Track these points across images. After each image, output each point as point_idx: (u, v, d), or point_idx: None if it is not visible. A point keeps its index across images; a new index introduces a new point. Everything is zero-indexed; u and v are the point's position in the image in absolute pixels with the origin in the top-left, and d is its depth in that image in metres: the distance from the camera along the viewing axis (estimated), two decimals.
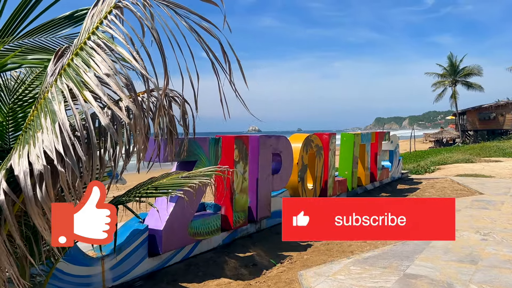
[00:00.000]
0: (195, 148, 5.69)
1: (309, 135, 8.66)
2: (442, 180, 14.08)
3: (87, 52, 2.41)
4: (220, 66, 2.73)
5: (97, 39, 2.41)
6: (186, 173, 3.68)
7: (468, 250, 6.06)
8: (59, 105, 2.40)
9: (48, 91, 2.55)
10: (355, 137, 10.52)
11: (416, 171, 17.81)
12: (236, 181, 6.45)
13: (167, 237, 5.28)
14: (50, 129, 2.39)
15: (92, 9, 2.65)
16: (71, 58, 2.42)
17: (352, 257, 5.92)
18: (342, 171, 10.56)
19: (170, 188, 3.29)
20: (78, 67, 2.42)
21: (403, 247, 6.31)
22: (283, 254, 6.36)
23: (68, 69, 2.41)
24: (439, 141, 56.51)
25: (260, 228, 7.36)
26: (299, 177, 8.18)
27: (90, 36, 2.42)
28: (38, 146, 2.37)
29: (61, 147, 2.37)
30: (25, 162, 2.37)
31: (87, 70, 2.41)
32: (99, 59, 2.42)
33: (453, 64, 52.02)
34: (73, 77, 2.40)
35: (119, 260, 4.87)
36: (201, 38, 2.63)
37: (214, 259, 6.05)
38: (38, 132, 2.46)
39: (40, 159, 2.30)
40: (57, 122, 2.38)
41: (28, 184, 2.32)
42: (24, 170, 2.31)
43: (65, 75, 2.40)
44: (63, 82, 2.40)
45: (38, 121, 2.51)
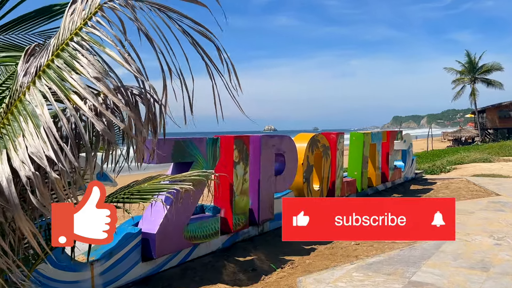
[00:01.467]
0: (191, 149, 5.50)
1: (315, 135, 8.40)
2: (457, 181, 13.63)
3: (70, 54, 2.27)
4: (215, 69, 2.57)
5: (81, 40, 2.27)
6: (170, 176, 3.48)
7: (479, 256, 5.74)
8: (42, 109, 2.26)
9: (25, 92, 2.40)
10: (365, 136, 10.20)
11: (431, 171, 17.34)
12: (236, 182, 6.24)
13: (161, 241, 5.10)
14: (35, 134, 2.27)
15: (70, 7, 2.49)
16: (51, 59, 2.27)
17: (355, 263, 5.65)
18: (351, 171, 10.26)
19: (149, 193, 3.10)
20: (61, 69, 2.27)
21: (410, 252, 6.01)
22: (284, 258, 6.12)
23: (48, 70, 2.26)
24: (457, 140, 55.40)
25: (262, 231, 7.14)
26: (304, 178, 7.93)
27: (73, 37, 2.28)
28: (21, 152, 2.25)
29: (52, 153, 2.22)
30: (6, 168, 2.25)
31: (71, 72, 2.26)
32: (85, 61, 2.27)
33: (472, 61, 50.85)
34: (55, 79, 2.26)
35: (110, 265, 4.71)
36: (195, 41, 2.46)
37: (213, 263, 5.85)
38: (18, 137, 2.33)
39: (27, 165, 2.19)
40: (41, 127, 2.26)
41: (13, 192, 2.20)
42: (7, 177, 2.18)
43: (45, 76, 2.26)
44: (43, 84, 2.26)
45: (16, 125, 2.37)
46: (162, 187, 3.14)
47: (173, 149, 5.23)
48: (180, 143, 5.34)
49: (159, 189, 3.12)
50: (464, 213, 8.50)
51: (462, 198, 10.63)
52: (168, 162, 5.27)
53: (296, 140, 8.15)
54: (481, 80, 50.98)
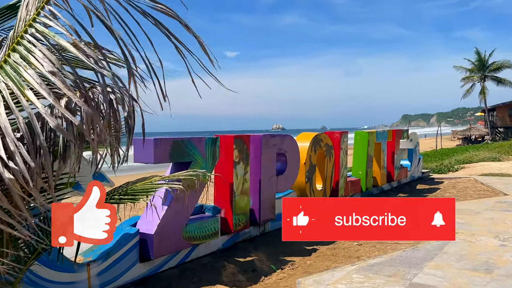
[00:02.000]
0: (189, 148, 5.45)
1: (318, 134, 8.32)
2: (465, 180, 13.43)
3: (25, 47, 2.18)
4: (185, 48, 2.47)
5: (36, 32, 2.18)
6: (162, 176, 3.44)
7: (484, 257, 5.62)
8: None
9: None
10: (369, 135, 10.09)
11: (439, 170, 17.14)
12: (236, 182, 6.18)
13: (159, 242, 5.06)
14: None
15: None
16: (7, 54, 2.20)
17: (356, 264, 5.57)
18: (356, 171, 10.15)
19: (140, 194, 3.05)
20: (17, 64, 2.20)
21: (413, 253, 5.92)
22: (285, 259, 6.06)
23: (5, 66, 2.19)
24: (467, 139, 54.82)
25: (264, 231, 7.08)
26: (307, 178, 7.85)
27: (27, 28, 2.19)
28: None
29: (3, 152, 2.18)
30: None
31: (27, 67, 2.20)
32: (40, 55, 2.20)
33: (482, 59, 50.26)
34: (12, 75, 2.19)
35: (107, 266, 4.69)
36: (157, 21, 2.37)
37: (212, 264, 5.81)
38: None
39: None
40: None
41: None
42: None
43: (2, 73, 2.19)
44: (1, 81, 2.19)
45: None
46: (153, 188, 3.09)
47: (171, 149, 5.19)
48: (179, 143, 5.29)
49: (150, 190, 3.07)
50: (470, 213, 8.36)
51: (469, 197, 10.47)
52: (166, 162, 5.22)
53: (298, 140, 8.07)
54: (491, 78, 50.36)
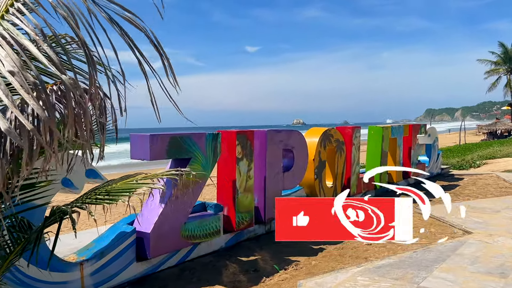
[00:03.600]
0: (188, 145, 5.28)
1: (328, 129, 8.04)
2: (486, 176, 12.91)
3: None
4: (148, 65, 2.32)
5: (2, 30, 2.05)
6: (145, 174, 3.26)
7: (500, 260, 5.28)
8: None
9: None
10: (384, 130, 9.74)
11: (460, 166, 16.60)
12: (239, 179, 5.99)
13: (155, 241, 4.92)
14: None
15: None
16: None
17: (363, 265, 5.31)
18: (370, 167, 9.81)
19: (118, 194, 2.88)
20: None
21: (424, 254, 5.62)
22: (290, 259, 5.84)
23: None
24: (492, 133, 53.27)
25: (270, 229, 6.87)
26: (316, 174, 7.60)
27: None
28: None
29: None
30: None
31: None
32: (3, 54, 2.06)
33: (508, 51, 48.63)
34: None
35: (102, 265, 4.57)
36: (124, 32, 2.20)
37: (214, 263, 5.64)
38: None
39: None
40: None
41: None
42: None
43: None
44: None
45: None
46: (133, 188, 2.92)
47: (169, 145, 5.03)
48: (177, 139, 5.13)
49: (130, 190, 2.90)
50: (488, 212, 7.97)
51: (489, 195, 10.01)
52: (163, 159, 5.07)
53: (307, 135, 7.83)
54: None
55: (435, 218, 7.76)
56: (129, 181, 3.05)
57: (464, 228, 6.83)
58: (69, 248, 5.33)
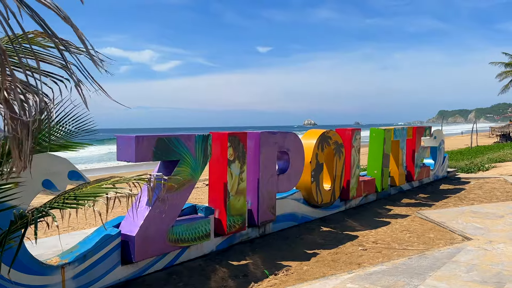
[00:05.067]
0: (177, 146, 5.19)
1: (326, 131, 7.89)
2: (493, 180, 12.63)
3: None
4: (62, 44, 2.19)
5: None
6: (120, 177, 3.17)
7: (497, 268, 5.09)
8: None
9: None
10: (386, 132, 9.54)
11: (468, 169, 16.26)
12: (230, 182, 5.88)
13: (140, 244, 4.83)
14: None
15: None
16: None
17: (354, 272, 5.16)
18: (371, 170, 9.64)
19: (85, 198, 2.79)
20: None
21: (419, 261, 5.44)
22: (282, 263, 5.72)
23: None
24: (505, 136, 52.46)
25: (264, 232, 6.75)
26: (313, 177, 7.46)
27: None
28: None
29: None
30: None
31: None
32: None
33: None
34: None
35: (85, 268, 4.49)
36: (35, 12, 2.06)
37: (203, 267, 5.54)
38: None
39: None
40: None
41: None
42: None
43: None
44: None
45: None
46: (101, 192, 2.83)
47: (155, 146, 4.94)
48: (164, 140, 5.04)
49: (98, 194, 2.81)
50: (491, 217, 7.74)
51: (495, 199, 9.77)
52: (149, 161, 4.98)
53: (305, 137, 7.69)
54: None
55: (435, 223, 7.57)
56: (98, 185, 2.96)
57: (464, 234, 6.63)
58: (54, 251, 5.29)
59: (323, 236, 7.03)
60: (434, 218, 7.79)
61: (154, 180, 2.99)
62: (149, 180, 2.93)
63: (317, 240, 6.77)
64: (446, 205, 9.33)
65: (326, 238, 6.92)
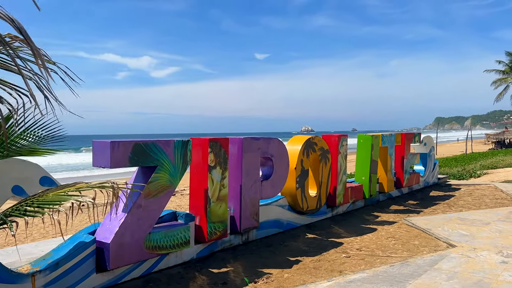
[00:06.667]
0: (154, 152, 5.12)
1: (312, 137, 7.84)
2: (484, 187, 12.60)
3: None
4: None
5: None
6: (86, 184, 3.10)
7: (478, 276, 5.02)
8: None
9: None
10: (373, 139, 9.51)
11: (460, 175, 16.27)
12: (211, 188, 5.81)
13: (116, 251, 4.74)
14: None
15: None
16: None
17: (334, 279, 5.08)
18: (359, 176, 9.59)
19: (46, 205, 2.72)
20: None
21: (400, 269, 5.37)
22: (263, 271, 5.64)
23: None
24: (500, 142, 52.66)
25: (247, 239, 6.67)
26: (298, 183, 7.39)
27: None
28: None
29: None
30: None
31: None
32: None
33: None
34: None
35: (57, 276, 4.39)
36: None
37: (182, 275, 5.45)
38: None
39: None
40: None
41: None
42: None
43: None
44: None
45: None
46: (61, 199, 2.75)
47: (132, 152, 4.87)
48: (141, 146, 4.97)
49: (56, 202, 2.73)
50: (478, 224, 7.69)
51: (484, 206, 9.73)
52: (126, 167, 4.90)
53: (290, 143, 7.64)
54: None
55: (421, 230, 7.52)
56: (61, 191, 2.89)
57: (449, 241, 6.57)
58: (28, 258, 5.19)
59: (308, 243, 6.96)
60: (421, 225, 7.74)
61: (117, 187, 2.91)
62: (113, 187, 2.86)
63: (301, 247, 6.70)
64: (434, 212, 9.28)
65: (310, 245, 6.85)
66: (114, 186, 2.83)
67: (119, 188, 2.90)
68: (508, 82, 49.82)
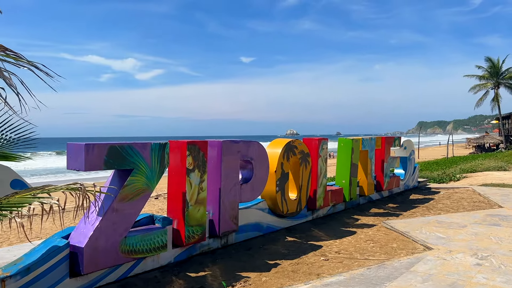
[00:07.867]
0: (130, 155, 5.06)
1: (292, 140, 7.86)
2: (462, 190, 12.81)
3: None
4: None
5: None
6: (53, 187, 3.04)
7: (453, 278, 5.09)
8: None
9: None
10: (354, 142, 9.58)
11: (440, 179, 16.50)
12: (189, 191, 5.77)
13: (90, 255, 4.67)
14: None
15: None
16: None
17: (311, 283, 5.09)
18: (339, 179, 9.65)
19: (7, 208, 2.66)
20: None
21: (377, 271, 5.41)
22: (241, 274, 5.61)
23: None
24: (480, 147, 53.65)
25: (226, 243, 6.64)
26: (278, 187, 7.40)
27: None
28: None
29: None
30: None
31: None
32: None
33: (495, 65, 49.10)
34: None
35: (29, 281, 4.29)
36: None
37: (159, 279, 5.39)
38: None
39: None
40: None
41: None
42: None
43: None
44: None
45: None
46: (25, 201, 2.70)
47: (107, 155, 4.80)
48: (116, 148, 4.91)
49: (19, 204, 2.67)
50: (454, 227, 7.80)
51: (461, 209, 9.88)
52: (100, 170, 4.84)
53: (270, 146, 7.64)
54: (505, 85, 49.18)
55: (399, 232, 7.59)
56: (26, 194, 2.83)
57: (426, 244, 6.65)
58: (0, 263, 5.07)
59: (287, 246, 6.96)
60: (399, 227, 7.81)
61: (84, 189, 2.86)
62: (81, 189, 2.81)
63: (280, 250, 6.69)
64: (413, 215, 9.38)
65: (289, 248, 6.85)
66: (81, 188, 2.78)
67: (88, 191, 2.85)
68: (488, 87, 50.82)
